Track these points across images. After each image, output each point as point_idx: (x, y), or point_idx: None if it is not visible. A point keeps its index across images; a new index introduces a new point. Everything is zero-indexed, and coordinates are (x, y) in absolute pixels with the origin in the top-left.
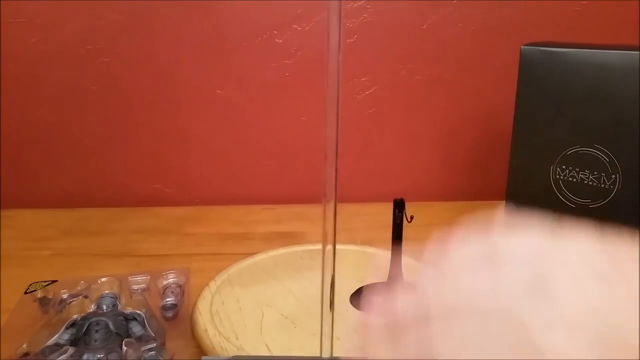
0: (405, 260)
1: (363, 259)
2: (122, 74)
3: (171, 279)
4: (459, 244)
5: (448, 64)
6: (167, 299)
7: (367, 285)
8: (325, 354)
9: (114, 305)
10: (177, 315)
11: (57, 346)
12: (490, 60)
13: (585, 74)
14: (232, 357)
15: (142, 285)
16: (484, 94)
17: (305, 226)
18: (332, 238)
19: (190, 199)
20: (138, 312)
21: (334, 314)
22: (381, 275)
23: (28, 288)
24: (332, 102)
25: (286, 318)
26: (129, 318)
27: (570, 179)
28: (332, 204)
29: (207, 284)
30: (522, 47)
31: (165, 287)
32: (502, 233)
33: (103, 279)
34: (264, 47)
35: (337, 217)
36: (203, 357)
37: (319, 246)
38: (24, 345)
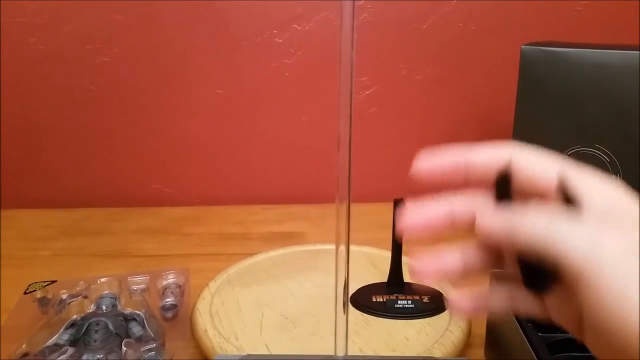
0: (405, 260)
1: (363, 259)
2: (121, 73)
3: (171, 279)
4: None
5: (448, 64)
6: (167, 300)
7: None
8: (340, 353)
9: (114, 306)
10: (177, 316)
11: (57, 346)
12: (491, 60)
13: (585, 73)
14: (246, 355)
15: (142, 286)
16: (484, 93)
17: (305, 226)
18: (346, 238)
19: (190, 199)
20: (137, 312)
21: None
22: (381, 276)
23: (28, 288)
24: (345, 101)
25: (286, 318)
26: (128, 318)
27: None
28: (345, 205)
29: (207, 285)
30: (522, 46)
31: (165, 288)
32: None
33: (102, 279)
34: (264, 47)
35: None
36: (216, 356)
37: (319, 246)
38: (24, 346)
